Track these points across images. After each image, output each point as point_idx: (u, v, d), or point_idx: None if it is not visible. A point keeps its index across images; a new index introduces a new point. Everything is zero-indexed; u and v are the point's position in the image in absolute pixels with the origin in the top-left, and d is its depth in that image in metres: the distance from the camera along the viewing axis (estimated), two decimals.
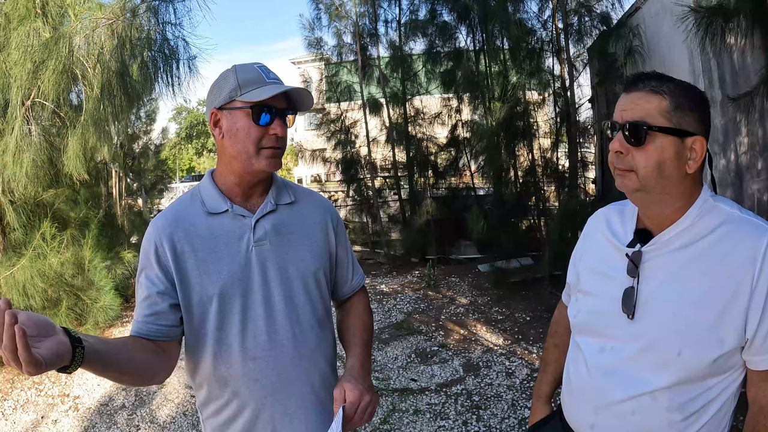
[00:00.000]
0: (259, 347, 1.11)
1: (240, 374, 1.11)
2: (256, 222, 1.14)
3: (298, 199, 1.23)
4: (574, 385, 1.09)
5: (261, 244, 1.13)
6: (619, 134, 0.94)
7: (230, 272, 1.10)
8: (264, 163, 1.10)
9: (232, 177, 1.14)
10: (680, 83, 0.94)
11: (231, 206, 1.13)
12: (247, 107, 1.07)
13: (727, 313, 0.89)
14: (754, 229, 0.90)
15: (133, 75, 4.09)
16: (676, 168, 0.92)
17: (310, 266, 1.18)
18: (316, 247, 1.21)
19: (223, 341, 1.11)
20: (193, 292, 1.10)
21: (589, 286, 1.09)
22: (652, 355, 0.94)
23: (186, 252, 1.10)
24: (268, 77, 1.10)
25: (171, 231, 1.10)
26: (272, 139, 1.09)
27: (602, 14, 5.72)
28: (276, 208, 1.17)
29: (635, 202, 1.01)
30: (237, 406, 1.13)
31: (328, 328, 1.25)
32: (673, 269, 0.94)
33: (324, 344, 1.21)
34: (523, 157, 6.66)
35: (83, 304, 4.49)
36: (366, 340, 1.25)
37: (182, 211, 1.14)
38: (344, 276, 1.31)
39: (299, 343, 1.15)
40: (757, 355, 0.89)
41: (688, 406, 0.93)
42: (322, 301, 1.21)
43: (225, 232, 1.12)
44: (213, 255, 1.11)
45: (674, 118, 0.91)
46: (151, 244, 1.10)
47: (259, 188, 1.17)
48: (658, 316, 0.94)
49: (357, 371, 1.14)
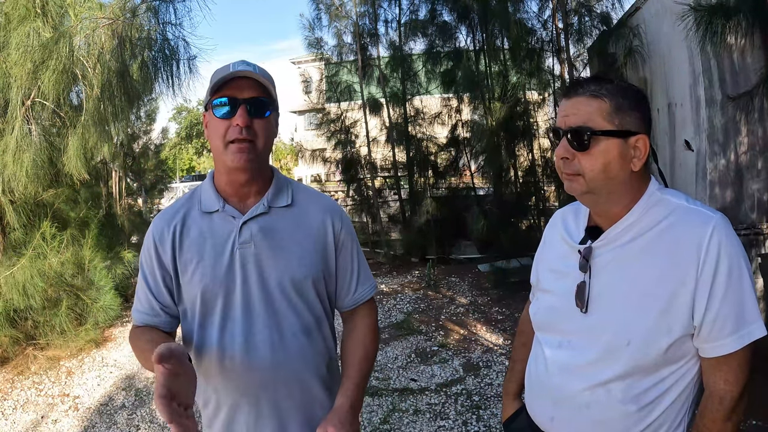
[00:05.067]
0: (236, 348, 1.10)
1: (217, 372, 1.12)
2: (243, 224, 1.11)
3: (297, 201, 1.18)
4: (534, 379, 1.12)
5: (245, 247, 1.11)
6: (563, 140, 0.97)
7: (214, 273, 1.10)
8: (230, 158, 1.05)
9: (222, 176, 1.13)
10: (619, 84, 0.96)
11: (223, 206, 1.12)
12: (211, 103, 1.07)
13: (675, 302, 0.91)
14: (699, 218, 0.92)
15: (133, 75, 4.09)
16: (621, 168, 0.94)
17: (296, 273, 1.13)
18: (308, 254, 1.15)
19: (204, 339, 1.12)
20: (183, 289, 1.13)
21: (547, 284, 1.12)
22: (604, 346, 0.96)
23: (177, 250, 1.12)
24: (234, 68, 1.05)
25: (167, 229, 1.13)
26: (236, 131, 1.04)
27: (602, 14, 5.72)
28: (268, 210, 1.13)
29: (585, 203, 1.04)
30: (216, 403, 1.15)
31: (319, 337, 1.18)
32: (623, 262, 0.97)
33: (310, 354, 1.15)
34: (523, 156, 6.66)
35: (83, 304, 4.49)
36: (363, 374, 1.16)
37: (179, 210, 1.16)
38: (346, 287, 1.23)
39: (277, 350, 1.11)
40: (706, 343, 0.91)
41: (642, 397, 0.94)
42: (309, 310, 1.15)
43: (214, 231, 1.12)
44: (200, 254, 1.11)
45: (616, 119, 0.93)
46: (150, 242, 1.14)
47: (253, 188, 1.14)
48: (609, 308, 0.97)
49: (344, 412, 1.05)
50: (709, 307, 0.89)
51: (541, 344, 1.11)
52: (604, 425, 0.98)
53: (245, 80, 1.06)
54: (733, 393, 0.91)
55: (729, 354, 0.90)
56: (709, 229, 0.90)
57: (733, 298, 0.89)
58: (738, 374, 0.91)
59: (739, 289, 0.89)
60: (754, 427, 2.63)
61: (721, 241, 0.89)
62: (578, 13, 5.84)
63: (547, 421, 1.07)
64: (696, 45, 3.53)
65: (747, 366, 0.92)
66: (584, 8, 5.77)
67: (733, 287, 0.89)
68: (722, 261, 0.89)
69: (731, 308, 0.89)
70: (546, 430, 1.09)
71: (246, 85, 1.05)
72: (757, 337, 0.90)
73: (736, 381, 0.91)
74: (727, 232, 0.90)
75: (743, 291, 0.89)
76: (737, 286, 0.89)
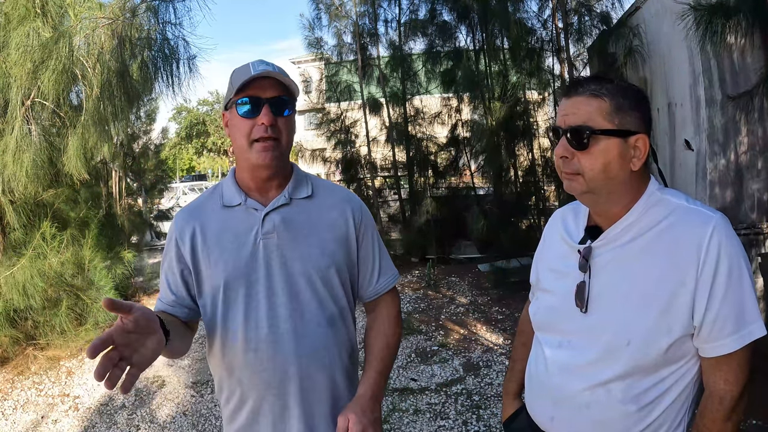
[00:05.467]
0: (261, 339, 1.12)
1: (242, 364, 1.13)
2: (265, 215, 1.14)
3: (317, 193, 1.21)
4: (534, 379, 1.12)
5: (268, 237, 1.13)
6: (563, 139, 0.97)
7: (235, 264, 1.12)
8: (256, 156, 1.09)
9: (245, 172, 1.16)
10: (619, 84, 0.96)
11: (245, 200, 1.16)
12: (234, 103, 1.10)
13: (675, 302, 0.91)
14: (699, 218, 0.92)
15: (133, 75, 4.09)
16: (621, 167, 0.94)
17: (320, 262, 1.15)
18: (329, 244, 1.17)
19: (228, 330, 1.14)
20: (204, 282, 1.15)
21: (547, 284, 1.12)
22: (604, 346, 0.96)
23: (199, 243, 1.15)
24: (255, 69, 1.09)
25: (188, 223, 1.16)
26: (261, 130, 1.08)
27: (602, 14, 5.72)
28: (290, 202, 1.17)
29: (585, 203, 1.04)
30: (241, 396, 1.15)
31: (342, 327, 1.20)
32: (622, 262, 0.97)
33: (334, 344, 1.17)
34: (523, 156, 6.65)
35: (83, 304, 4.49)
36: (385, 364, 1.20)
37: (201, 205, 1.20)
38: (368, 277, 1.25)
39: (301, 340, 1.13)
40: (706, 343, 0.91)
41: (642, 397, 0.94)
42: (333, 300, 1.17)
43: (235, 224, 1.15)
44: (221, 246, 1.14)
45: (616, 119, 0.93)
46: (171, 236, 1.18)
47: (275, 182, 1.17)
48: (609, 308, 0.97)
49: (366, 401, 1.09)
50: (709, 307, 0.89)
51: (541, 344, 1.11)
52: (604, 425, 0.98)
53: (267, 80, 1.09)
54: (733, 393, 0.91)
55: (729, 354, 0.90)
56: (709, 229, 0.90)
57: (733, 298, 0.89)
58: (738, 374, 0.91)
59: (739, 289, 0.89)
60: (754, 426, 2.63)
61: (721, 241, 0.89)
62: (578, 13, 5.83)
63: (547, 420, 1.07)
64: (696, 45, 3.53)
65: (747, 366, 0.92)
66: (584, 8, 5.76)
67: (733, 287, 0.89)
68: (722, 261, 0.88)
69: (731, 308, 0.89)
70: (546, 430, 1.09)
71: (268, 85, 1.09)
72: (757, 336, 0.90)
73: (736, 381, 0.91)
74: (727, 232, 0.90)
75: (743, 291, 0.89)
76: (737, 286, 0.89)
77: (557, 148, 0.98)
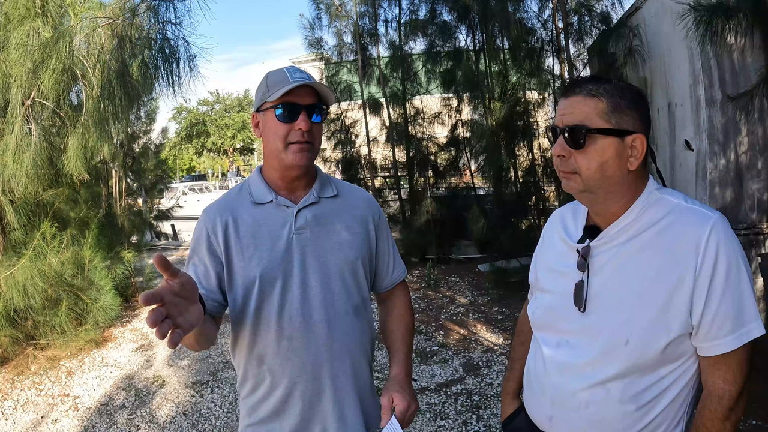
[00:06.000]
0: (294, 328, 1.19)
1: (275, 352, 1.19)
2: (298, 212, 1.22)
3: (341, 193, 1.31)
4: (533, 379, 1.12)
5: (301, 233, 1.21)
6: (560, 138, 0.98)
7: (271, 257, 1.19)
8: (291, 158, 1.17)
9: (275, 172, 1.24)
10: (617, 84, 0.97)
11: (276, 197, 1.23)
12: (272, 107, 1.17)
13: (673, 301, 0.91)
14: (697, 217, 0.92)
15: (133, 74, 4.09)
16: (618, 167, 0.95)
17: (348, 255, 1.24)
18: (356, 238, 1.27)
19: (261, 320, 1.19)
20: (237, 275, 1.20)
21: (545, 283, 1.13)
22: (602, 345, 0.96)
23: (232, 237, 1.20)
24: (292, 77, 1.16)
25: (221, 217, 1.21)
26: (298, 134, 1.16)
27: (602, 14, 5.72)
28: (318, 200, 1.25)
29: (582, 202, 1.05)
30: (271, 384, 1.21)
31: (364, 317, 1.29)
32: (621, 261, 0.97)
33: (358, 332, 1.26)
34: (523, 156, 6.65)
35: (83, 304, 4.49)
36: (409, 345, 1.34)
37: (231, 201, 1.25)
38: (385, 269, 1.37)
39: (333, 328, 1.21)
40: (705, 342, 0.91)
41: (640, 396, 0.94)
42: (358, 290, 1.27)
43: (269, 220, 1.22)
44: (256, 241, 1.20)
45: (613, 118, 0.94)
46: (202, 230, 1.22)
47: (302, 182, 1.25)
48: (607, 307, 0.97)
49: (402, 380, 1.22)
50: (708, 306, 0.89)
51: (540, 344, 1.11)
52: (603, 424, 0.98)
53: (303, 87, 1.17)
54: (732, 392, 0.91)
55: (727, 353, 0.90)
56: (708, 228, 0.90)
57: (731, 297, 0.89)
58: (736, 373, 0.91)
59: (737, 288, 0.89)
60: (754, 426, 2.64)
61: (720, 240, 0.89)
62: (578, 13, 5.84)
63: (545, 420, 1.07)
64: (696, 45, 3.53)
65: (746, 365, 0.92)
66: (584, 8, 5.76)
67: (732, 286, 0.89)
68: (720, 260, 0.89)
69: (729, 307, 0.89)
70: (545, 430, 1.09)
71: (304, 92, 1.17)
72: (755, 336, 0.90)
73: (734, 380, 0.91)
74: (726, 231, 0.90)
75: (741, 290, 0.89)
76: (735, 285, 0.89)
77: (555, 147, 0.99)
